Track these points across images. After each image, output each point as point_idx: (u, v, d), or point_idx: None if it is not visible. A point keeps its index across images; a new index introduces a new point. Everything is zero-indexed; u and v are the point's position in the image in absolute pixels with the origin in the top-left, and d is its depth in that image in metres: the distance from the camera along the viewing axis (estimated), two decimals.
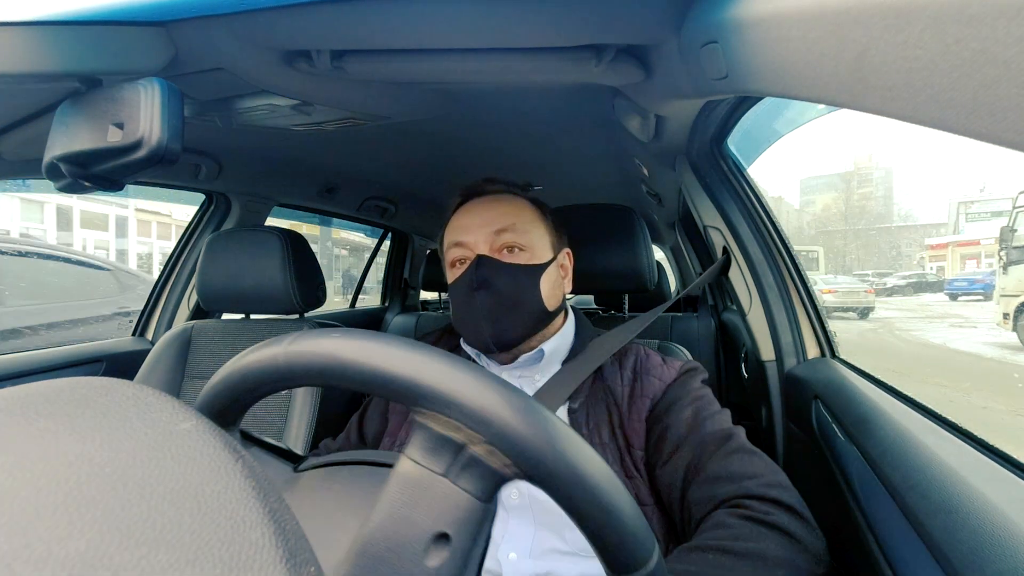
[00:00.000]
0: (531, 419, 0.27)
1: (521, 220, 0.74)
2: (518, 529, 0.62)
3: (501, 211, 0.74)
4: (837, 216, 55.42)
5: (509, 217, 0.73)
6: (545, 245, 0.75)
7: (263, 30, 0.63)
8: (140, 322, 1.60)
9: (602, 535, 0.27)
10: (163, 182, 1.40)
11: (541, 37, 0.61)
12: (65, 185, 0.61)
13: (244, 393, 0.33)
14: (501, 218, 0.73)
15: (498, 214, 0.74)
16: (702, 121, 0.88)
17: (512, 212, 0.74)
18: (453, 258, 0.75)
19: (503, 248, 0.72)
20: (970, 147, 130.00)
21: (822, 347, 0.97)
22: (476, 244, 0.72)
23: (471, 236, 0.73)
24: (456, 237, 0.74)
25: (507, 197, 0.77)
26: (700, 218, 1.12)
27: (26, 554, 0.13)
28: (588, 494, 0.26)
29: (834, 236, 52.74)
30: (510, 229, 0.72)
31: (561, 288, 0.78)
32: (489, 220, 0.73)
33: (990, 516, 0.41)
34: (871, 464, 0.59)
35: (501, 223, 0.72)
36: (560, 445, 0.27)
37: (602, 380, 0.72)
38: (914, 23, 0.24)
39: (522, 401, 0.27)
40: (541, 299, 0.72)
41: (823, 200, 59.36)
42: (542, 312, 0.73)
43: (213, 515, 0.16)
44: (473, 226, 0.74)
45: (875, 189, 59.50)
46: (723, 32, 0.45)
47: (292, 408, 1.12)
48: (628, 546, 0.27)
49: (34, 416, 0.18)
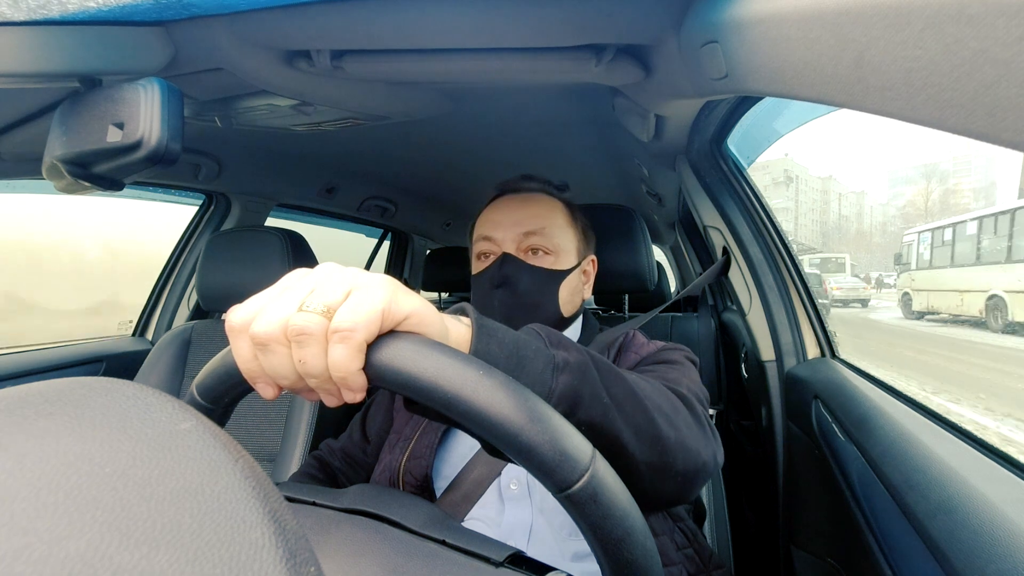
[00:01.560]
0: (457, 371, 0.29)
1: (551, 224, 0.74)
2: (516, 517, 0.62)
3: (533, 212, 0.74)
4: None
5: (540, 220, 0.74)
6: (571, 251, 0.76)
7: (263, 30, 0.63)
8: (140, 322, 1.60)
9: (531, 462, 0.29)
10: (163, 182, 1.40)
11: (541, 37, 0.61)
12: (65, 185, 0.60)
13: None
14: (532, 219, 0.73)
15: (530, 215, 0.74)
16: (702, 121, 0.88)
17: (544, 214, 0.74)
18: (479, 251, 0.76)
19: (529, 249, 0.73)
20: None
21: (822, 347, 0.97)
22: (504, 241, 0.73)
23: (500, 233, 0.74)
24: (485, 231, 0.75)
25: (542, 197, 0.77)
26: (700, 218, 1.12)
27: (26, 554, 0.13)
28: (505, 433, 0.29)
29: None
30: (539, 232, 0.73)
31: (580, 294, 0.78)
32: (520, 220, 0.73)
33: (990, 516, 0.41)
34: (871, 464, 0.59)
35: (531, 225, 0.73)
36: (477, 388, 0.29)
37: None
38: (914, 23, 0.24)
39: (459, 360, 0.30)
40: (558, 305, 0.73)
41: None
42: (557, 318, 0.74)
43: (213, 515, 0.16)
44: (504, 223, 0.74)
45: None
46: (723, 32, 0.45)
47: (293, 407, 1.12)
48: (558, 467, 0.29)
49: (34, 416, 0.18)
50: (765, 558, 1.10)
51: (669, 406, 0.47)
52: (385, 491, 0.46)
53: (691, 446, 0.46)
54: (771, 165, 74.69)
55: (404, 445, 0.68)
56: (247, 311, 0.30)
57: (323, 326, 0.29)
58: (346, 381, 0.29)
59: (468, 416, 0.29)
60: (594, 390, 0.39)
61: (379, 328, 0.29)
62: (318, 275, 0.31)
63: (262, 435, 1.12)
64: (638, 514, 0.31)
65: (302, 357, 0.29)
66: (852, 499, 0.64)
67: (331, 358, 0.28)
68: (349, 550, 0.36)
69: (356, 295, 0.30)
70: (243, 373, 0.31)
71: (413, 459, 0.66)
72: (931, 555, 0.44)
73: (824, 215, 77.18)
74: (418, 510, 0.42)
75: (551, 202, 0.77)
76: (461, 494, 0.62)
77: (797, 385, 0.91)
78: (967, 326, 9.01)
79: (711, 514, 0.83)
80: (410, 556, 0.36)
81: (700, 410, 0.53)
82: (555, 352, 0.38)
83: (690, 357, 0.71)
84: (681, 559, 0.63)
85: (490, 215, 0.77)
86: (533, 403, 0.30)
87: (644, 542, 0.31)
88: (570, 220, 0.77)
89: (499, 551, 0.37)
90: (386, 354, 0.29)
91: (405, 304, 0.31)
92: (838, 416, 0.72)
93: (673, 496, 0.46)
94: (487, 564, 0.36)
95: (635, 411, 0.42)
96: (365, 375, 0.29)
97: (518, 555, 0.38)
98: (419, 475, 0.64)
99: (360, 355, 0.29)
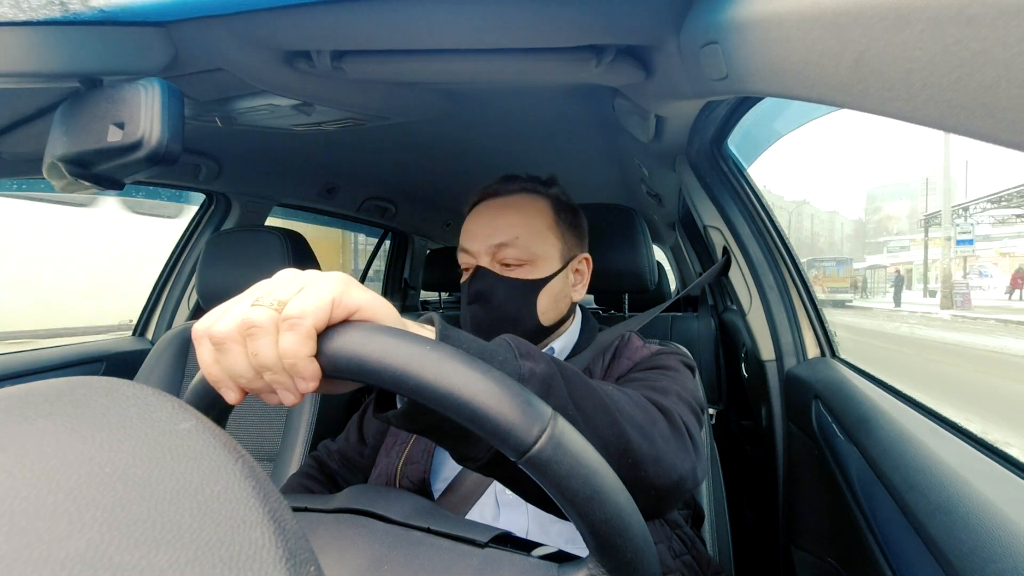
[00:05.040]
0: (404, 347, 0.29)
1: (527, 231, 0.70)
2: (512, 522, 0.62)
3: (508, 221, 0.71)
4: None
5: (514, 229, 0.70)
6: (552, 255, 0.72)
7: (263, 30, 0.63)
8: (140, 322, 1.60)
9: (485, 428, 0.29)
10: (163, 182, 1.40)
11: (541, 37, 0.61)
12: (65, 185, 0.61)
13: None
14: (505, 230, 0.70)
15: (504, 224, 0.71)
16: (702, 121, 0.88)
17: (519, 222, 0.71)
18: (461, 262, 0.74)
19: (502, 261, 0.70)
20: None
21: (822, 347, 0.97)
22: (478, 254, 0.71)
23: (475, 244, 0.71)
24: (463, 242, 0.74)
25: (521, 200, 0.74)
26: (700, 218, 1.12)
27: (26, 554, 0.13)
28: (456, 402, 0.29)
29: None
30: (511, 244, 0.69)
31: (568, 297, 0.75)
32: (492, 232, 0.71)
33: (990, 516, 0.41)
34: (871, 464, 0.59)
35: (503, 236, 0.70)
36: (425, 365, 0.29)
37: (590, 374, 0.72)
38: (914, 24, 0.24)
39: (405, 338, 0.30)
40: (536, 315, 0.71)
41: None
42: (536, 328, 0.71)
43: (213, 515, 0.16)
44: (478, 234, 0.72)
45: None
46: (723, 32, 0.45)
47: (292, 410, 1.12)
48: (513, 430, 0.29)
49: (34, 416, 0.18)
50: (765, 558, 1.10)
51: (644, 418, 0.47)
52: (372, 489, 0.45)
53: (666, 460, 0.45)
54: None
55: (400, 449, 0.68)
56: (209, 318, 0.32)
57: (273, 318, 0.30)
58: (296, 368, 0.30)
59: (419, 391, 0.29)
60: (559, 402, 0.39)
61: (328, 317, 0.30)
62: (275, 279, 0.33)
63: (262, 435, 1.12)
64: (608, 471, 0.30)
65: (255, 349, 0.30)
66: (852, 499, 0.64)
67: (281, 346, 0.29)
68: (334, 546, 0.36)
69: (307, 289, 0.31)
70: (207, 379, 0.32)
71: (410, 463, 0.65)
72: (931, 555, 0.44)
73: (798, 232, 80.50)
74: (403, 502, 0.42)
75: (531, 204, 0.73)
76: (458, 497, 0.62)
77: (797, 385, 0.91)
78: None
79: (710, 515, 0.83)
80: (394, 546, 0.36)
81: (682, 422, 0.52)
82: (522, 363, 0.38)
83: (686, 362, 0.69)
84: (679, 566, 0.62)
85: (468, 224, 0.74)
86: (483, 370, 0.29)
87: (616, 499, 0.30)
88: (552, 221, 0.73)
89: (484, 533, 0.37)
90: (335, 340, 0.30)
91: (357, 296, 0.32)
92: (838, 416, 0.72)
93: (647, 510, 0.46)
94: (472, 546, 0.36)
95: (604, 423, 0.41)
96: (318, 363, 0.30)
97: (503, 535, 0.37)
98: (416, 479, 0.64)
99: (309, 341, 0.30)
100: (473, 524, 0.39)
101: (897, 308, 19.76)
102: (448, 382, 0.28)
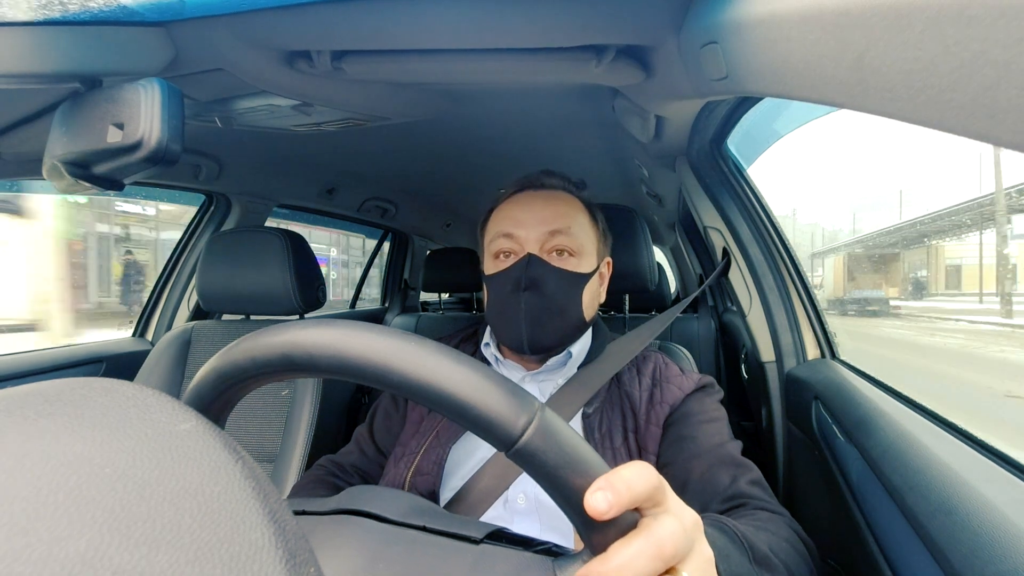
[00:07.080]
0: (385, 343, 0.29)
1: (576, 224, 0.70)
2: (525, 532, 0.61)
3: (559, 210, 0.70)
4: None
5: (566, 219, 0.69)
6: (592, 253, 0.72)
7: (263, 30, 0.63)
8: (140, 322, 1.60)
9: (470, 420, 0.28)
10: (163, 182, 1.40)
11: (541, 38, 0.61)
12: (65, 185, 0.61)
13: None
14: (558, 218, 0.69)
15: (555, 213, 0.70)
16: (702, 122, 0.88)
17: (569, 213, 0.70)
18: (498, 249, 0.71)
19: (553, 250, 0.69)
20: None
21: (822, 348, 0.97)
22: (527, 240, 0.69)
23: (524, 231, 0.69)
24: (506, 228, 0.70)
25: (564, 195, 0.73)
26: (700, 219, 1.12)
27: (26, 554, 0.13)
28: (440, 395, 0.28)
29: None
30: (565, 232, 0.69)
31: (598, 298, 0.75)
32: (545, 218, 0.69)
33: (990, 517, 0.41)
34: (871, 465, 0.59)
35: (557, 224, 0.69)
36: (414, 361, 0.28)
37: (620, 386, 0.70)
38: (914, 24, 0.24)
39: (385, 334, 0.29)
40: (582, 309, 0.70)
41: None
42: (580, 322, 0.71)
43: (213, 515, 0.16)
44: (528, 221, 0.69)
45: None
46: (723, 32, 0.45)
47: (293, 408, 1.12)
48: (499, 421, 0.28)
49: (34, 416, 0.18)
50: None
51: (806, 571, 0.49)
52: (370, 489, 0.45)
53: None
54: None
55: (409, 460, 0.66)
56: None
57: None
58: None
59: (403, 387, 0.28)
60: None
61: None
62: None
63: (262, 435, 1.12)
64: (598, 461, 0.30)
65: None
66: (852, 500, 0.64)
67: None
68: (328, 546, 0.35)
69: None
70: None
71: (420, 475, 0.64)
72: (931, 556, 0.44)
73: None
74: (399, 501, 0.41)
75: (573, 200, 0.73)
76: (467, 505, 0.60)
77: (797, 386, 0.91)
78: None
79: None
80: (390, 544, 0.36)
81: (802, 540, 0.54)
82: (758, 570, 0.41)
83: (719, 395, 0.70)
84: None
85: (511, 211, 0.71)
86: (467, 363, 0.29)
87: None
88: (591, 220, 0.74)
89: (480, 529, 0.37)
90: (316, 337, 0.30)
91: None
92: (838, 417, 0.72)
93: None
94: (467, 543, 0.36)
95: None
96: None
97: (498, 531, 0.37)
98: (426, 491, 0.63)
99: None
100: (469, 521, 0.39)
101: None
102: (432, 375, 0.28)
